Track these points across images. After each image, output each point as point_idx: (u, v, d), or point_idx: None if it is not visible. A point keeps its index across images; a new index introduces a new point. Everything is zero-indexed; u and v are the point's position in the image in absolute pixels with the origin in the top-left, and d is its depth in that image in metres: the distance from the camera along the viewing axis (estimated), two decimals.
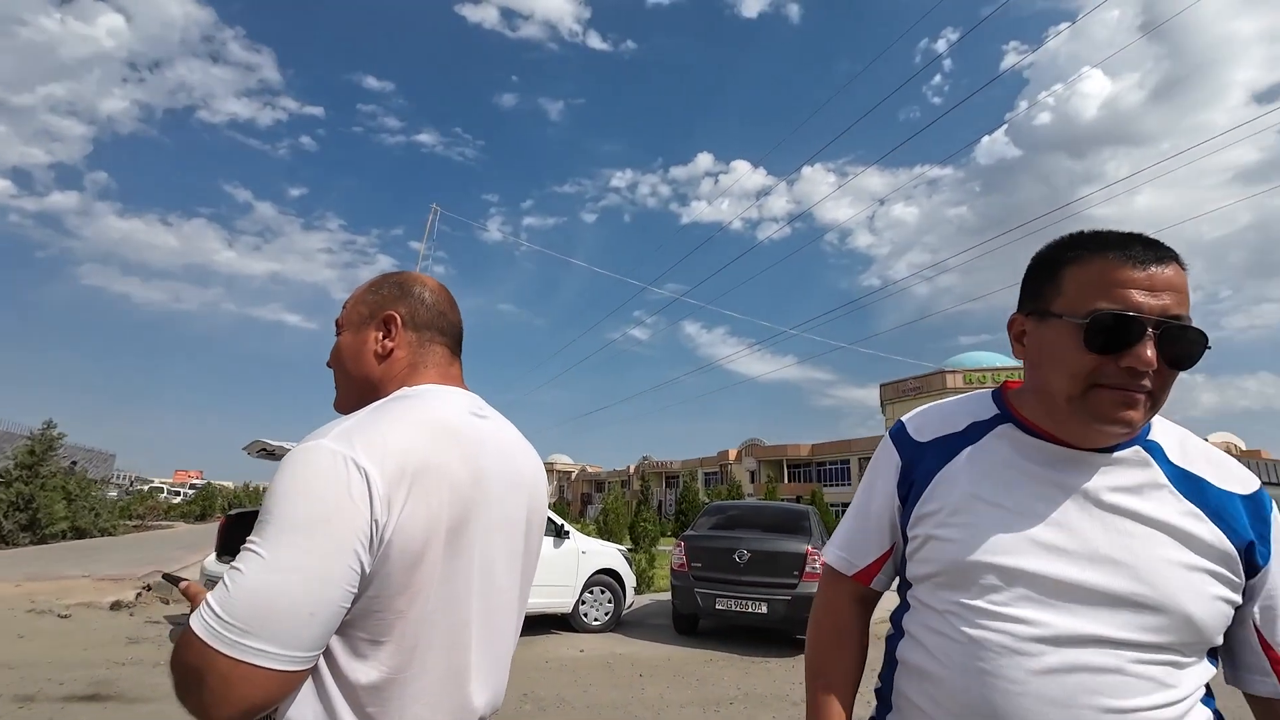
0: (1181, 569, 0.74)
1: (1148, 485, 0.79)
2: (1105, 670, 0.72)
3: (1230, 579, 0.76)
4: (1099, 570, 0.75)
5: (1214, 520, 0.77)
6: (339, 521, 0.71)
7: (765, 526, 7.40)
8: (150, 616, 7.15)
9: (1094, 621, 0.73)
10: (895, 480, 0.94)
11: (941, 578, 0.84)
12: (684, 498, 29.88)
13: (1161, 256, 0.77)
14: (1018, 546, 0.78)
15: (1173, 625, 0.73)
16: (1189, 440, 0.84)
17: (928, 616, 0.85)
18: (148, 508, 29.17)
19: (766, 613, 6.49)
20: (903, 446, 0.95)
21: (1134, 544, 0.75)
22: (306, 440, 0.77)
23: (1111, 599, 0.74)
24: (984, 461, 0.86)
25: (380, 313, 0.99)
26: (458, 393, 0.96)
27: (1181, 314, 0.75)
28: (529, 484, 0.98)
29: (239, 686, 0.67)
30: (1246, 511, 0.78)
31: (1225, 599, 0.75)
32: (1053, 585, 0.76)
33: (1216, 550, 0.75)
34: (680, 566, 7.08)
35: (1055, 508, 0.79)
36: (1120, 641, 0.73)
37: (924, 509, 0.88)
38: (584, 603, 7.37)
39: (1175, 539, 0.76)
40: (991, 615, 0.77)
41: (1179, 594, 0.73)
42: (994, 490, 0.83)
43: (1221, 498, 0.78)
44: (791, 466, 49.49)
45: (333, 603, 0.71)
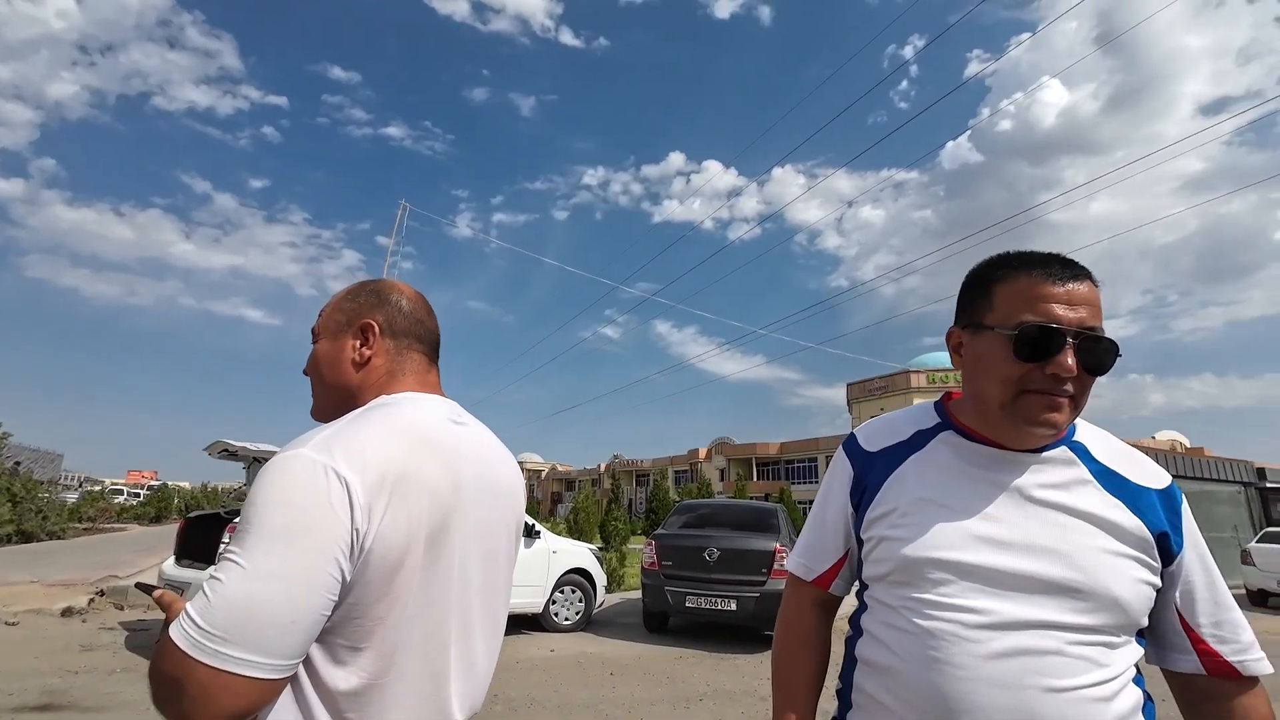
0: (1108, 555, 0.83)
1: (1075, 481, 0.88)
2: (1046, 652, 0.79)
3: (1149, 563, 0.85)
4: (1036, 559, 0.83)
5: (1133, 511, 0.86)
6: (320, 530, 0.72)
7: (734, 525, 7.51)
8: (104, 623, 6.91)
9: (1034, 607, 0.81)
10: (848, 488, 1.02)
11: (894, 575, 0.90)
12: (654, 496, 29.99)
13: (1077, 274, 0.87)
14: (962, 542, 0.86)
15: (1103, 607, 0.81)
16: (1110, 441, 0.94)
17: (883, 613, 0.92)
18: (99, 510, 28.03)
19: (736, 610, 6.60)
20: (854, 457, 1.03)
21: (1065, 534, 0.84)
22: (286, 449, 0.78)
23: (1048, 585, 0.81)
24: (928, 466, 0.94)
25: (358, 320, 0.99)
26: (436, 400, 0.97)
27: (1096, 325, 0.85)
28: (507, 491, 0.99)
29: (219, 696, 0.67)
30: (1160, 504, 0.87)
31: (1147, 582, 0.84)
32: (995, 575, 0.83)
33: (1136, 537, 0.84)
34: (651, 565, 7.14)
35: (994, 504, 0.87)
36: (1058, 624, 0.80)
37: (875, 513, 0.95)
38: (555, 602, 7.37)
39: (1101, 528, 0.84)
40: (941, 606, 0.84)
41: (1107, 578, 0.81)
42: (938, 492, 0.91)
43: (1139, 491, 0.88)
44: (761, 465, 50.01)
45: (314, 611, 0.72)
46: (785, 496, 25.52)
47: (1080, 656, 0.79)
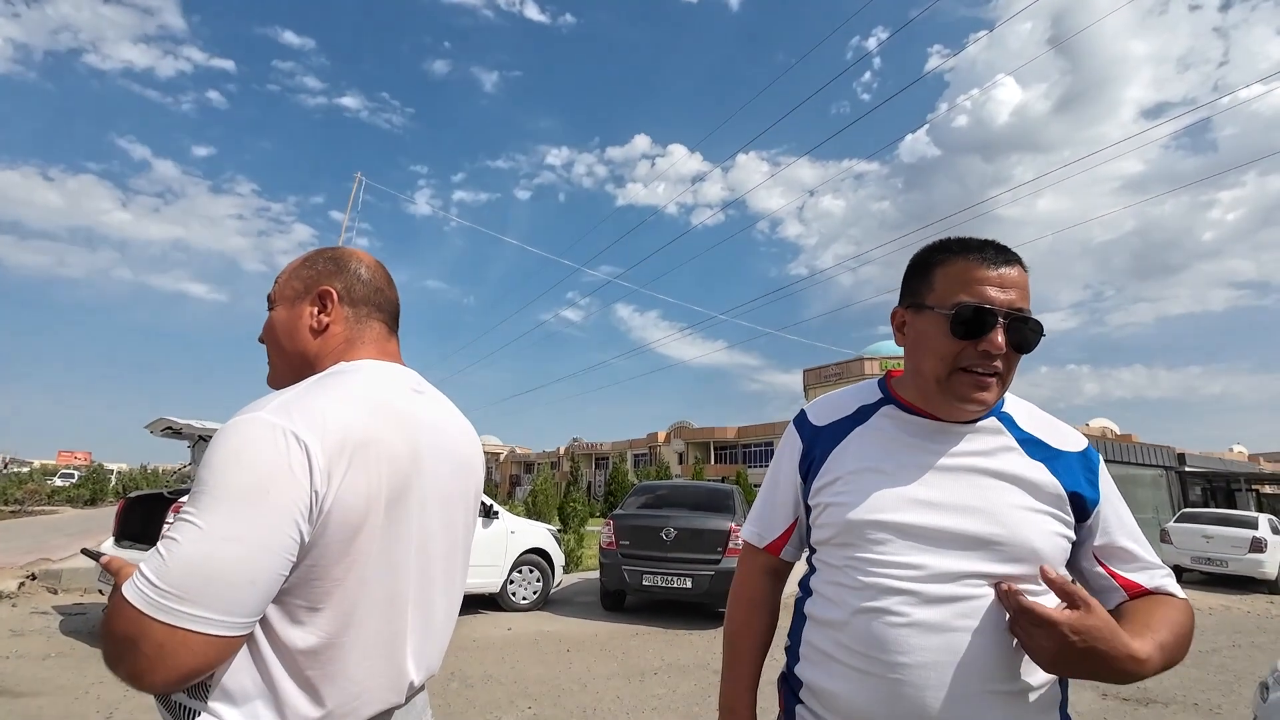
0: (1028, 512, 0.93)
1: (1000, 448, 0.97)
2: (971, 599, 0.89)
3: (1064, 518, 0.95)
4: (963, 518, 0.92)
5: (1051, 472, 0.96)
6: (278, 493, 0.73)
7: (691, 505, 7.65)
8: (36, 607, 6.61)
9: (963, 560, 0.90)
10: (797, 460, 1.10)
11: (838, 538, 0.99)
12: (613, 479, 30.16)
13: (1009, 259, 0.96)
14: (898, 504, 0.95)
15: (1022, 557, 0.90)
16: (1034, 411, 1.04)
17: (829, 573, 1.01)
18: (27, 491, 26.57)
19: (691, 587, 6.75)
20: (803, 431, 1.11)
21: (990, 494, 0.93)
22: (243, 412, 0.78)
23: (974, 540, 0.91)
24: (870, 438, 1.03)
25: (315, 287, 0.99)
26: (396, 369, 0.98)
27: (1024, 307, 0.93)
28: (465, 460, 1.01)
29: (176, 653, 0.68)
30: (1077, 465, 0.98)
31: (1061, 534, 0.94)
32: (928, 533, 0.92)
33: (1053, 495, 0.94)
34: (609, 544, 7.23)
35: (928, 471, 0.96)
36: (984, 575, 0.90)
37: (820, 482, 1.04)
38: (512, 582, 7.40)
39: (1022, 488, 0.94)
40: (880, 563, 0.93)
41: (1026, 532, 0.91)
42: (878, 460, 0.99)
43: (1057, 454, 0.98)
44: (719, 448, 50.73)
45: (272, 571, 0.73)
46: (741, 479, 26.04)
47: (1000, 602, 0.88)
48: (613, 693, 4.52)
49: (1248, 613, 9.33)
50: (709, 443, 50.74)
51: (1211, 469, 22.97)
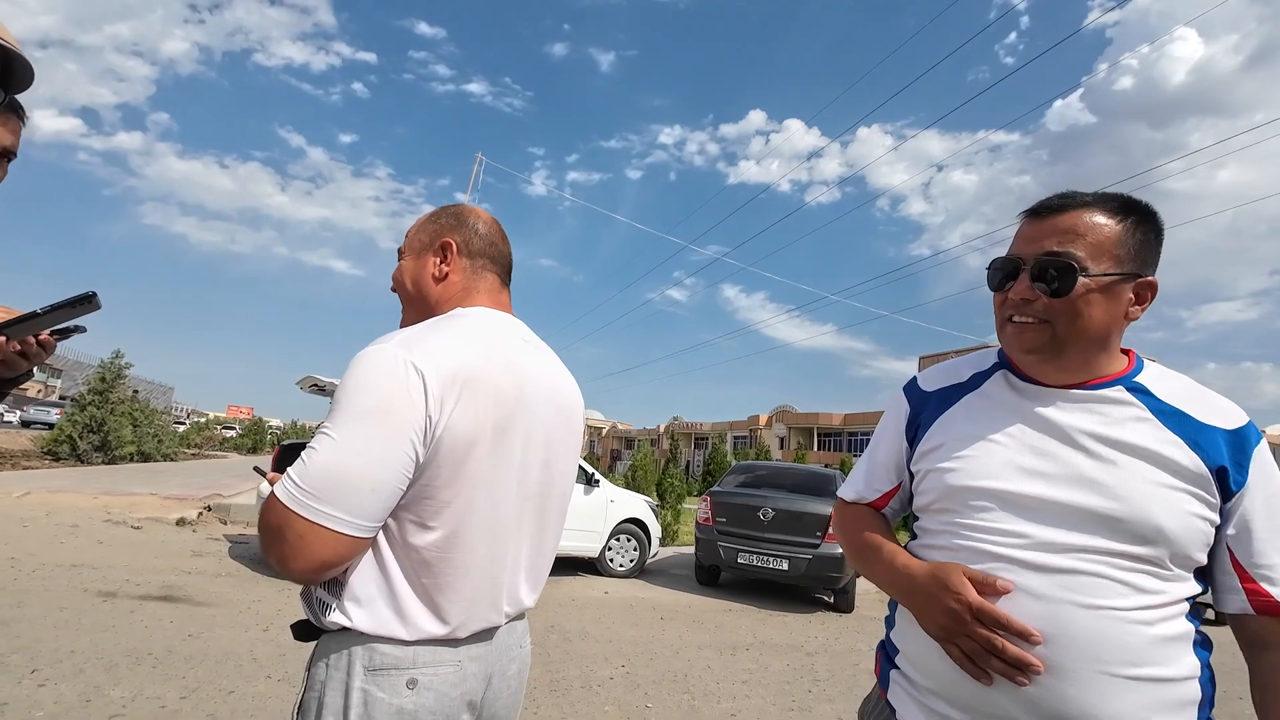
0: (1156, 487, 0.83)
1: (1129, 419, 0.88)
2: (1082, 573, 0.82)
3: (1205, 498, 0.84)
4: (1078, 490, 0.85)
5: (1191, 447, 0.85)
6: (397, 413, 0.82)
7: (791, 487, 7.52)
8: (210, 534, 7.73)
9: (1075, 533, 0.84)
10: (904, 425, 1.06)
11: (939, 503, 0.95)
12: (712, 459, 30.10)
13: (1061, 206, 0.91)
14: (1004, 472, 0.89)
15: (1147, 538, 0.82)
16: (1182, 381, 0.93)
17: (929, 538, 0.97)
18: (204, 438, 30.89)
19: (788, 569, 6.67)
20: (911, 395, 1.08)
21: (1113, 467, 0.85)
22: (374, 344, 0.88)
23: (1090, 515, 0.84)
24: (980, 404, 0.98)
25: (438, 240, 1.09)
26: (507, 317, 1.06)
27: (1059, 250, 0.88)
28: (567, 406, 1.07)
29: (313, 544, 0.80)
30: (1226, 443, 0.86)
31: (1200, 515, 0.83)
32: (1036, 503, 0.86)
33: (1191, 472, 0.84)
34: (705, 520, 7.28)
35: (1040, 439, 0.90)
36: (1100, 550, 0.82)
37: (926, 446, 1.00)
38: (610, 549, 7.67)
39: (1152, 463, 0.85)
40: (980, 530, 0.88)
41: (1153, 509, 0.82)
42: (986, 427, 0.94)
43: (1202, 429, 0.87)
44: (822, 435, 49.23)
45: (390, 483, 0.83)
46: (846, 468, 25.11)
47: (1120, 580, 0.81)
48: (704, 662, 4.58)
49: None
50: (813, 428, 49.34)
51: None
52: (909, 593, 0.93)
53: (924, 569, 0.91)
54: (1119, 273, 0.87)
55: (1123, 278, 0.87)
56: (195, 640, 3.85)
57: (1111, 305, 0.88)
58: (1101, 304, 0.87)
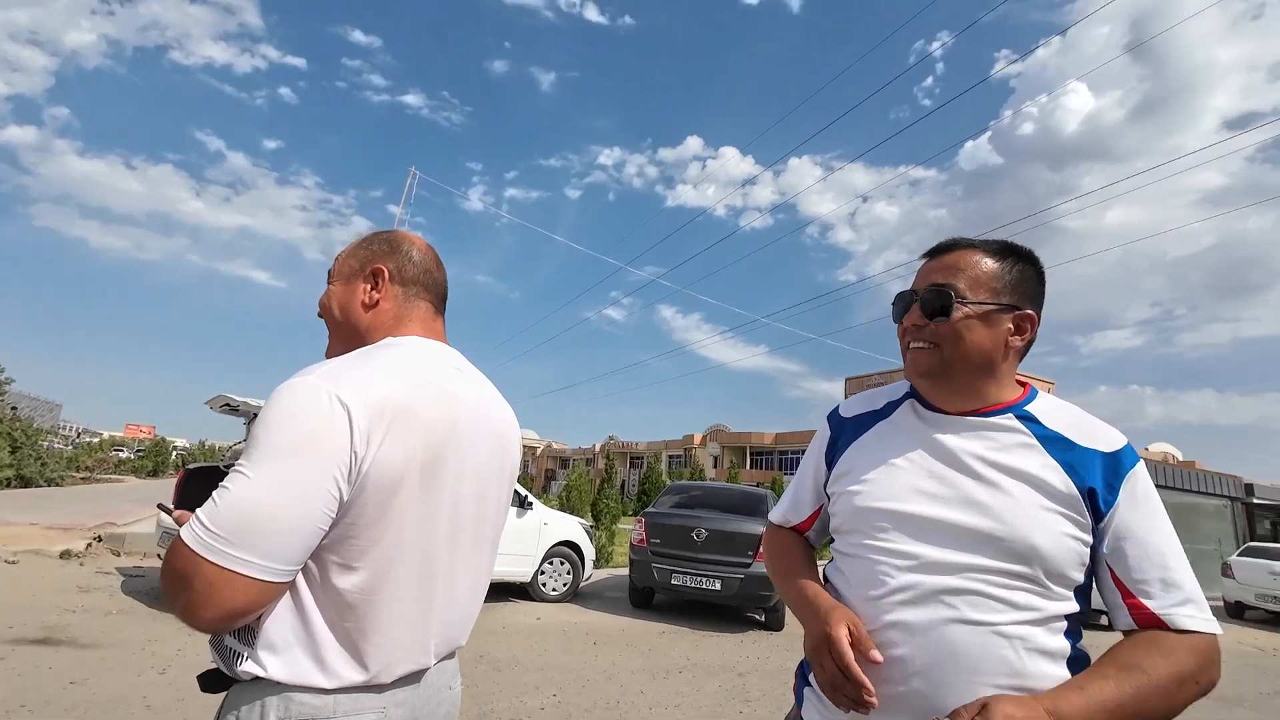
0: (1034, 509, 0.92)
1: (1017, 445, 0.97)
2: (965, 591, 0.90)
3: (1076, 519, 0.92)
4: (965, 511, 0.93)
5: (1067, 471, 0.94)
6: (321, 449, 0.78)
7: (724, 507, 7.62)
8: (101, 567, 7.05)
9: (961, 553, 0.92)
10: (824, 450, 1.15)
11: (849, 525, 1.03)
12: (647, 478, 30.15)
13: (949, 248, 1.04)
14: (904, 494, 0.98)
15: (1024, 557, 0.90)
16: (1067, 410, 1.02)
17: (842, 560, 1.05)
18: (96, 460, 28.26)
19: (720, 589, 6.72)
20: (833, 422, 1.16)
21: (997, 490, 0.94)
22: (296, 376, 0.84)
23: (975, 534, 0.92)
24: (889, 431, 1.07)
25: (370, 266, 1.06)
26: (440, 346, 1.04)
27: (943, 282, 1.00)
28: (501, 437, 1.05)
29: (222, 592, 0.75)
30: (1101, 465, 0.94)
31: (1072, 535, 0.91)
32: (929, 524, 0.95)
33: (1064, 495, 0.92)
34: (640, 542, 7.26)
35: (937, 464, 0.99)
36: (982, 568, 0.90)
37: (840, 470, 1.09)
38: (543, 573, 7.51)
39: (1032, 486, 0.93)
40: (881, 550, 0.97)
41: (1029, 529, 0.90)
42: (892, 453, 1.03)
43: (1080, 453, 0.95)
44: (754, 453, 50.23)
45: (312, 523, 0.78)
46: (777, 485, 25.70)
47: (998, 598, 0.89)
48: (637, 687, 4.54)
49: None
50: (745, 447, 50.29)
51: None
52: (801, 614, 1.03)
53: (826, 604, 0.98)
54: (995, 303, 0.98)
55: (999, 308, 0.98)
56: (79, 688, 3.49)
57: (991, 332, 0.98)
58: (980, 330, 0.98)
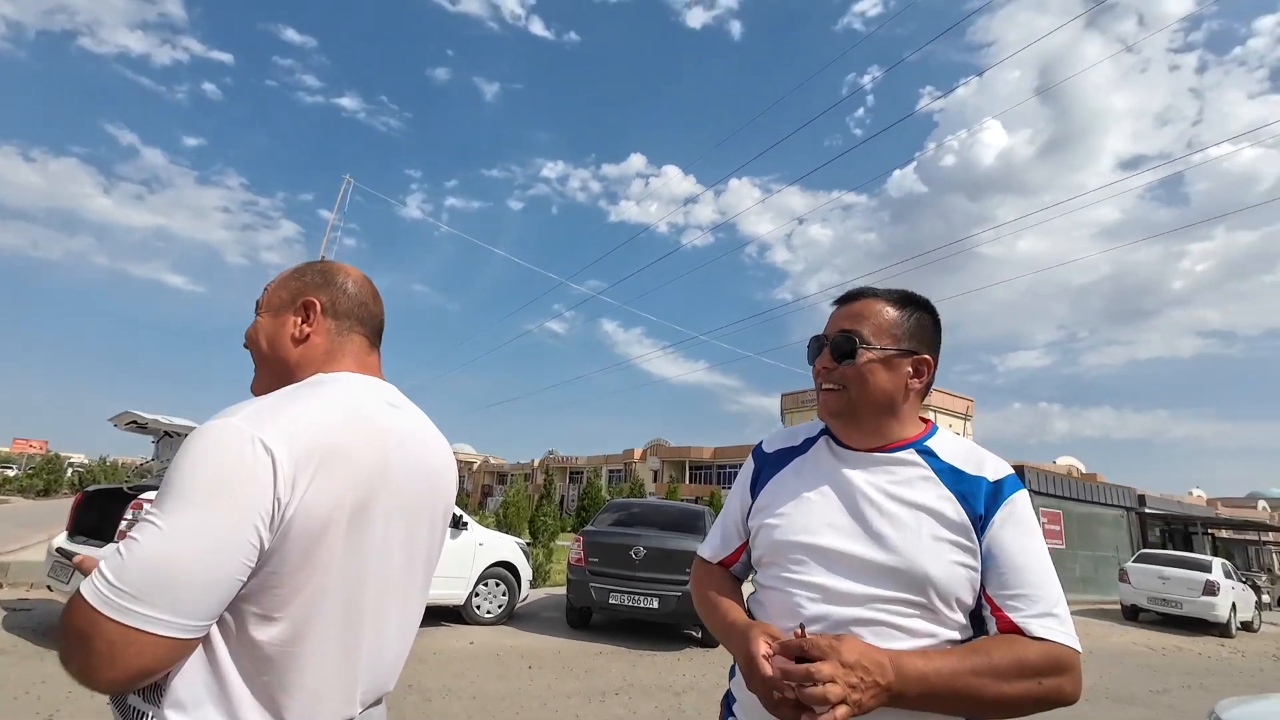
0: (930, 539, 0.99)
1: (916, 478, 1.05)
2: (871, 622, 0.96)
3: (966, 545, 1.00)
4: (870, 544, 1.00)
5: (959, 500, 1.02)
6: (241, 497, 0.74)
7: (662, 525, 7.65)
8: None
9: (868, 585, 0.98)
10: (749, 484, 1.20)
11: (768, 557, 1.09)
12: (586, 494, 29.95)
13: (856, 296, 1.13)
14: (817, 529, 1.04)
15: (920, 585, 0.97)
16: (961, 444, 1.11)
17: (761, 593, 1.10)
18: None
19: (658, 607, 6.73)
20: (757, 458, 1.22)
21: (897, 522, 1.01)
22: (216, 418, 0.80)
23: (876, 566, 0.99)
24: (805, 466, 1.13)
25: (301, 298, 1.02)
26: (373, 382, 1.00)
27: (849, 328, 1.09)
28: (437, 476, 1.03)
29: (125, 652, 0.69)
30: (985, 492, 1.02)
31: (962, 563, 0.99)
32: (839, 557, 1.01)
33: (956, 523, 1.00)
34: (578, 561, 7.18)
35: (846, 498, 1.05)
36: (884, 598, 0.97)
37: (761, 504, 1.15)
38: (477, 595, 7.31)
39: (930, 517, 1.01)
40: (796, 582, 1.02)
41: (923, 559, 0.98)
42: (807, 487, 1.09)
43: (970, 482, 1.04)
44: (694, 468, 50.69)
45: (229, 575, 0.74)
46: (715, 500, 26.04)
47: (900, 626, 0.96)
48: (572, 712, 4.48)
49: (1199, 654, 9.53)
50: (684, 461, 50.71)
51: (1170, 511, 23.47)
52: (726, 641, 1.06)
53: (742, 625, 1.03)
54: (896, 349, 1.07)
55: (899, 353, 1.07)
56: None
57: (892, 375, 1.07)
58: (883, 373, 1.06)
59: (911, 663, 0.88)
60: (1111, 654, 8.95)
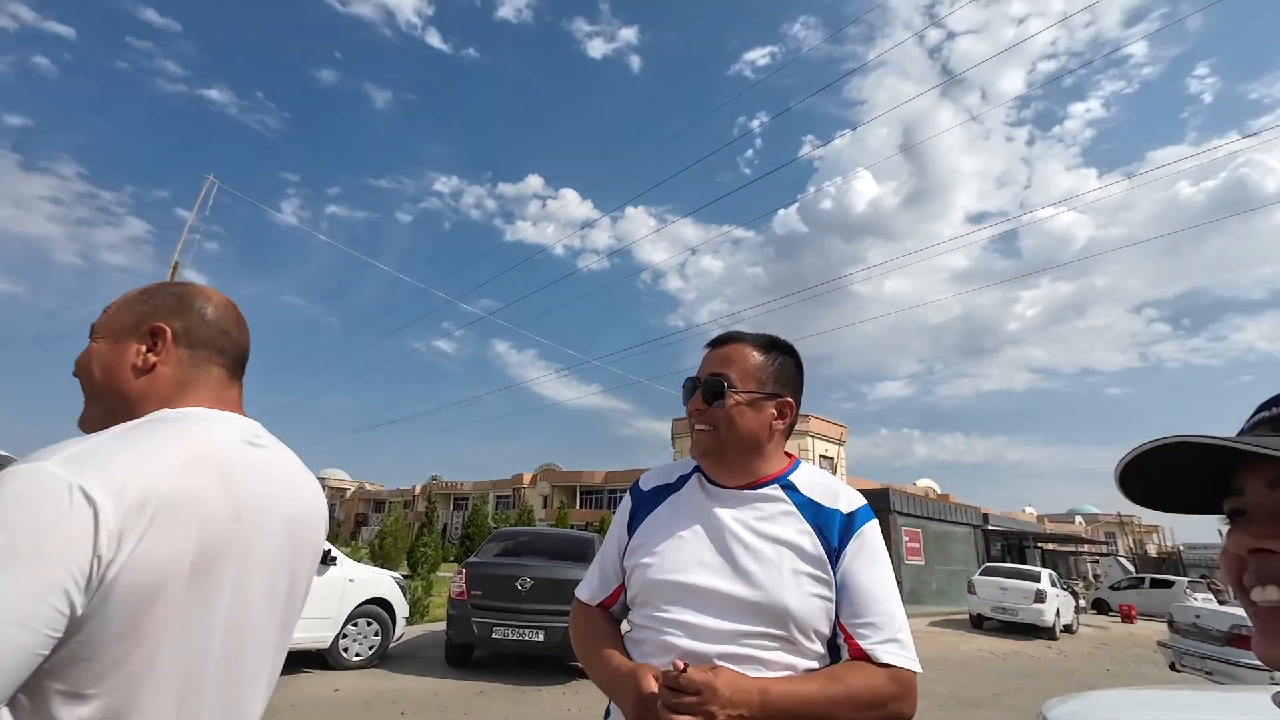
0: (790, 574, 1.04)
1: (779, 513, 1.10)
2: (734, 657, 0.99)
3: (823, 577, 1.05)
4: (735, 581, 1.03)
5: (816, 533, 1.07)
6: (50, 556, 0.63)
7: (551, 554, 7.48)
8: None
9: (736, 621, 1.01)
10: (626, 522, 1.20)
11: (640, 597, 1.09)
12: (472, 521, 28.71)
13: (722, 342, 1.18)
14: (687, 566, 1.06)
15: (781, 619, 1.01)
16: (819, 477, 1.17)
17: (636, 631, 1.10)
18: None
19: (544, 640, 6.52)
20: (634, 496, 1.23)
21: (760, 557, 1.05)
22: (28, 459, 0.68)
23: (741, 601, 1.02)
24: (678, 504, 1.15)
25: (148, 323, 0.89)
26: (231, 418, 0.90)
27: (719, 372, 1.13)
28: (304, 520, 0.93)
29: None
30: (839, 524, 1.09)
31: (819, 594, 1.04)
32: (708, 594, 1.03)
33: (814, 556, 1.06)
34: (459, 595, 6.82)
35: (716, 535, 1.08)
36: (748, 633, 1.00)
37: (636, 543, 1.15)
38: (345, 636, 6.71)
39: (790, 550, 1.05)
40: (667, 620, 1.03)
41: (784, 593, 1.02)
42: (679, 525, 1.11)
43: (827, 515, 1.10)
44: (585, 492, 50.28)
45: (26, 649, 0.62)
46: (606, 526, 25.89)
47: (767, 660, 0.99)
48: None
49: (1032, 656, 10.70)
50: (576, 486, 50.23)
51: (1008, 528, 26.44)
52: (612, 689, 1.04)
53: (629, 667, 1.01)
54: (760, 392, 1.12)
55: (764, 396, 1.12)
56: None
57: (757, 417, 1.12)
58: (749, 414, 1.11)
59: (777, 692, 0.93)
60: (962, 661, 9.81)
